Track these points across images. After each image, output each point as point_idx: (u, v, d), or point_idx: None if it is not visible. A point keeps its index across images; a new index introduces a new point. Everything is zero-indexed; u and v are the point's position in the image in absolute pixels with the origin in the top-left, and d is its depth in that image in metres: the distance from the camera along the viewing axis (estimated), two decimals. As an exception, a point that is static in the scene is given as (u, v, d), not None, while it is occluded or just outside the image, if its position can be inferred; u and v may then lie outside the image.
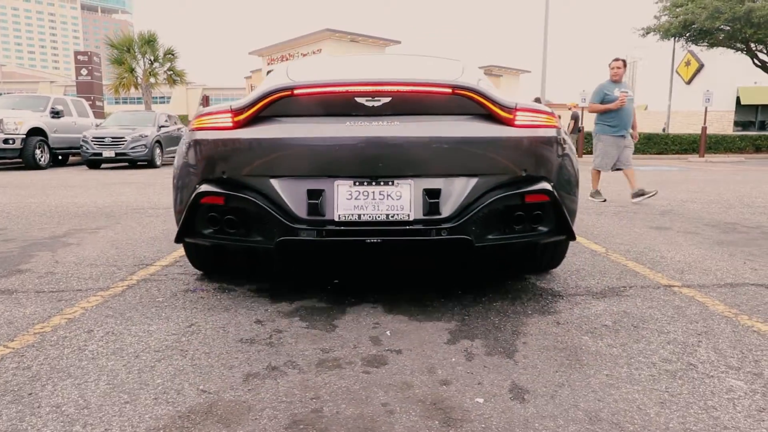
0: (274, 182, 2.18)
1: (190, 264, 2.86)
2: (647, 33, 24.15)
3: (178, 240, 2.35)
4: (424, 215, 2.14)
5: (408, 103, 2.16)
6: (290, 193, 2.17)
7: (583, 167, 11.14)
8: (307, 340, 1.97)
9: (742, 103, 35.32)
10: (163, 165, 12.89)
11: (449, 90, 2.15)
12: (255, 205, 2.17)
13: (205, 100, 23.96)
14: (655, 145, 20.74)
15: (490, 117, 2.22)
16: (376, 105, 2.14)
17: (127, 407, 1.49)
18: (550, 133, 2.29)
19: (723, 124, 33.80)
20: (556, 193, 2.25)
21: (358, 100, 2.14)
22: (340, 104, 2.16)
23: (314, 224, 2.13)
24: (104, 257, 3.22)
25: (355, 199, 2.15)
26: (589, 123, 21.62)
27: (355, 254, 3.08)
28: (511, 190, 2.20)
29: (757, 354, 1.84)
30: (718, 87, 32.15)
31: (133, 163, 12.76)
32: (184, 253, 3.38)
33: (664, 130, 29.30)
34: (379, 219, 2.14)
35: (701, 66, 37.87)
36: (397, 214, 2.14)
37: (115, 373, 1.69)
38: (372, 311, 2.29)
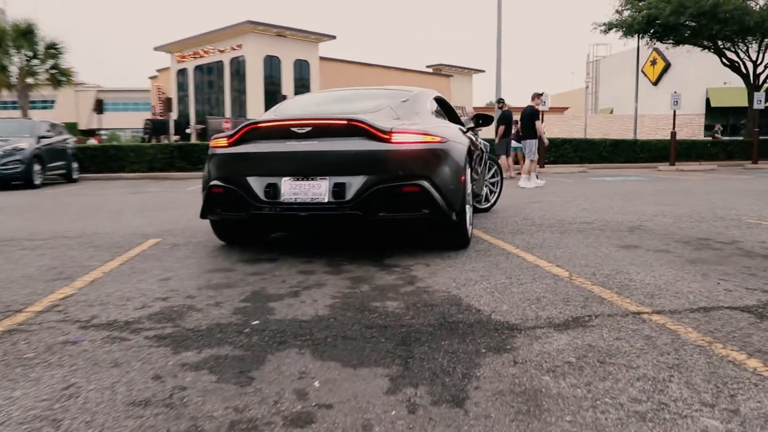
0: (249, 179, 4.16)
1: (72, 309, 2.74)
2: (609, 29, 25.52)
3: (202, 215, 4.57)
4: (334, 199, 3.99)
5: (322, 130, 4.06)
6: (257, 185, 4.14)
7: (555, 177, 11.53)
8: (216, 398, 1.89)
9: (713, 105, 37.79)
10: (46, 184, 12.29)
11: (345, 122, 4.03)
12: (235, 194, 4.19)
13: (98, 105, 23.14)
14: (622, 152, 21.79)
15: (374, 137, 3.99)
16: (302, 132, 4.07)
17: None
18: (423, 146, 4.10)
19: (693, 128, 35.97)
20: (427, 186, 4.03)
21: (292, 129, 4.10)
22: (282, 132, 4.14)
23: (270, 204, 4.09)
24: (-40, 303, 2.99)
25: (293, 189, 4.06)
26: (549, 134, 22.49)
27: (294, 223, 4.78)
28: (389, 184, 3.97)
29: (733, 387, 1.92)
30: (687, 88, 34.34)
31: (5, 183, 12.10)
32: (67, 294, 3.22)
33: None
34: (307, 201, 4.02)
35: (668, 65, 40.39)
36: (318, 198, 4.01)
37: (-37, 455, 1.55)
38: (298, 357, 2.23)
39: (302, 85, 46.55)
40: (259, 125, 4.25)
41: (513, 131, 15.74)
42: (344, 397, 1.89)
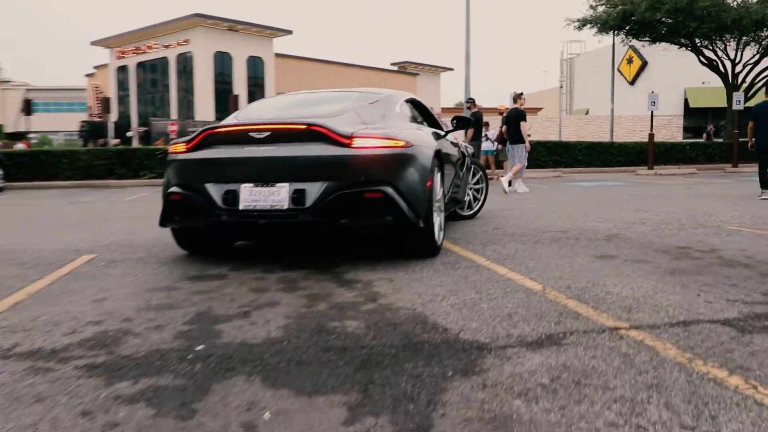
0: (207, 186, 4.35)
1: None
2: (583, 25, 26.09)
3: (161, 224, 4.71)
4: (294, 206, 4.17)
5: (281, 135, 4.27)
6: (215, 192, 4.32)
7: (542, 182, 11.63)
8: (153, 435, 1.83)
9: (691, 105, 38.94)
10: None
11: (304, 126, 4.23)
12: (194, 201, 4.40)
13: (26, 106, 22.55)
14: (598, 156, 22.25)
15: (335, 142, 4.16)
16: (260, 137, 4.25)
17: None
18: (386, 151, 4.26)
19: (671, 129, 37.03)
20: (390, 192, 4.20)
21: (251, 134, 4.29)
22: (241, 137, 4.35)
23: (229, 211, 4.26)
24: None
25: (253, 196, 4.23)
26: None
27: (254, 231, 5.04)
28: (350, 190, 4.15)
29: (714, 408, 1.95)
30: (665, 88, 35.34)
31: None
32: (-17, 319, 3.10)
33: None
34: (266, 208, 4.20)
35: (644, 63, 41.52)
36: (278, 205, 4.19)
37: None
38: (246, 386, 2.18)
39: (256, 84, 46.28)
40: (217, 130, 4.48)
41: (483, 134, 15.89)
42: (297, 430, 1.85)
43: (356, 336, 2.74)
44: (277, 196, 4.19)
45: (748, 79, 26.27)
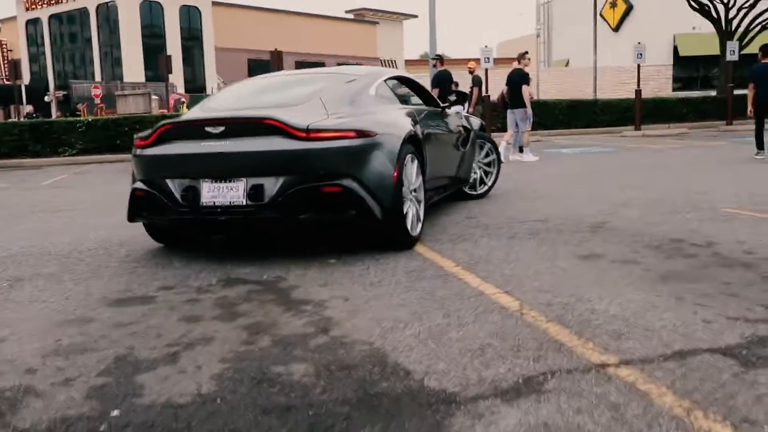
0: (168, 182, 4.70)
1: None
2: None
3: (129, 219, 5.08)
4: (251, 201, 4.49)
5: (236, 130, 4.57)
6: (176, 188, 4.67)
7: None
8: None
9: (681, 54, 39.32)
10: None
11: (260, 120, 4.55)
12: (155, 197, 4.74)
13: None
14: (581, 116, 22.36)
15: (291, 135, 4.42)
16: (216, 132, 4.53)
17: None
18: (346, 142, 4.51)
19: (660, 81, 37.36)
20: (351, 185, 4.48)
21: (206, 129, 4.57)
22: (197, 132, 4.64)
23: (189, 208, 4.61)
24: None
25: (212, 192, 4.56)
26: (497, 92, 22.72)
27: (215, 227, 5.52)
28: (308, 184, 4.44)
29: (717, 480, 1.88)
30: (652, 35, 35.54)
31: None
32: None
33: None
34: (225, 204, 4.53)
35: (630, 7, 41.67)
36: (236, 201, 4.52)
37: None
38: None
39: (191, 37, 45.23)
40: (173, 125, 4.89)
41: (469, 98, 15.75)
42: None
43: (303, 387, 2.61)
44: (236, 192, 4.52)
45: (744, 25, 26.54)
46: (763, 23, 26.53)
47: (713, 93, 33.36)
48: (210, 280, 4.37)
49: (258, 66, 43.20)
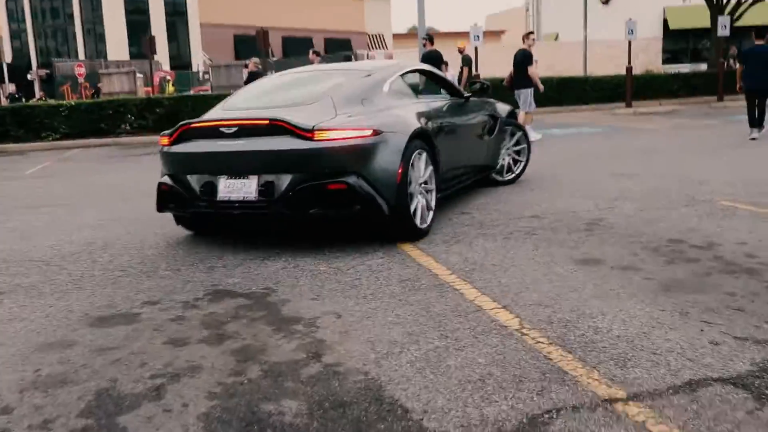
0: (189, 177, 5.14)
1: None
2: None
3: (158, 210, 5.50)
4: (262, 197, 4.83)
5: (248, 130, 4.88)
6: (196, 183, 5.08)
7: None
8: None
9: (671, 27, 39.05)
10: None
11: (267, 121, 4.81)
12: (177, 191, 5.20)
13: None
14: (570, 92, 22.12)
15: (298, 135, 4.70)
16: (230, 132, 4.89)
17: None
18: (350, 142, 4.78)
19: (650, 55, 37.09)
20: (355, 182, 4.74)
21: (221, 129, 4.93)
22: (213, 132, 5.00)
23: (207, 202, 5.03)
24: None
25: (228, 187, 4.92)
26: (486, 69, 22.45)
27: (231, 221, 5.80)
28: (314, 182, 4.74)
29: None
30: (642, 8, 35.21)
31: None
32: None
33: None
34: (239, 199, 4.89)
35: (620, -20, 41.22)
36: (249, 196, 4.86)
37: None
38: None
39: (176, 12, 44.54)
40: (191, 125, 5.20)
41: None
42: None
43: (296, 430, 2.47)
44: (249, 188, 4.89)
45: (734, -1, 26.30)
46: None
47: (703, 66, 33.24)
48: (197, 293, 4.21)
49: (244, 42, 42.64)
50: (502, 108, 7.73)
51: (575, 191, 7.14)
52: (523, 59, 12.68)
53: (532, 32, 13.24)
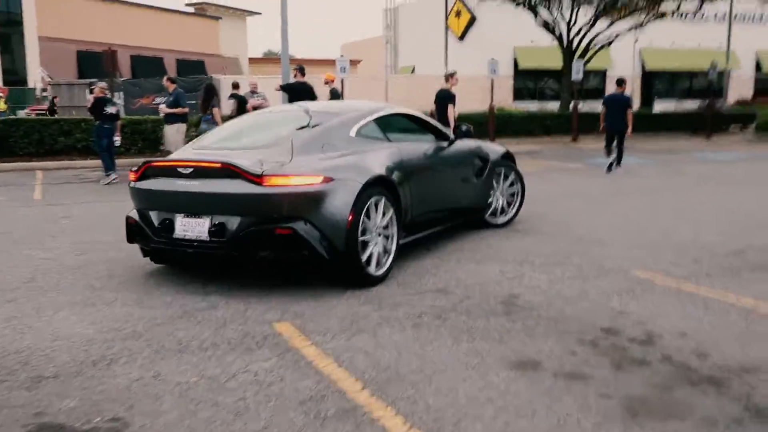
0: (151, 213, 5.38)
1: None
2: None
3: (128, 241, 5.73)
4: (214, 238, 5.00)
5: (202, 172, 5.10)
6: (156, 220, 5.33)
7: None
8: None
9: (520, 67, 40.60)
10: None
11: (219, 165, 5.00)
12: (141, 226, 5.43)
13: None
14: (435, 128, 21.96)
15: (248, 180, 4.84)
16: (186, 173, 5.13)
17: None
18: (298, 189, 4.90)
19: (503, 92, 38.24)
20: (301, 228, 4.85)
21: (178, 169, 5.18)
22: (172, 171, 5.24)
23: (165, 239, 5.26)
24: None
25: (184, 226, 5.16)
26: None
27: (186, 259, 5.64)
28: (262, 226, 4.90)
29: None
30: (495, 46, 36.19)
31: None
32: None
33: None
34: (193, 238, 5.11)
35: (473, 18, 42.39)
36: (201, 236, 5.06)
37: None
38: None
39: (10, 23, 40.66)
40: (152, 164, 5.41)
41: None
42: None
43: None
44: (202, 227, 5.02)
45: (584, 44, 27.51)
46: (606, 40, 27.68)
47: (548, 105, 34.67)
48: (146, 366, 2.98)
49: (88, 59, 39.57)
50: (494, 150, 7.77)
51: (471, 255, 6.44)
52: (444, 98, 12.84)
53: (454, 73, 13.21)
